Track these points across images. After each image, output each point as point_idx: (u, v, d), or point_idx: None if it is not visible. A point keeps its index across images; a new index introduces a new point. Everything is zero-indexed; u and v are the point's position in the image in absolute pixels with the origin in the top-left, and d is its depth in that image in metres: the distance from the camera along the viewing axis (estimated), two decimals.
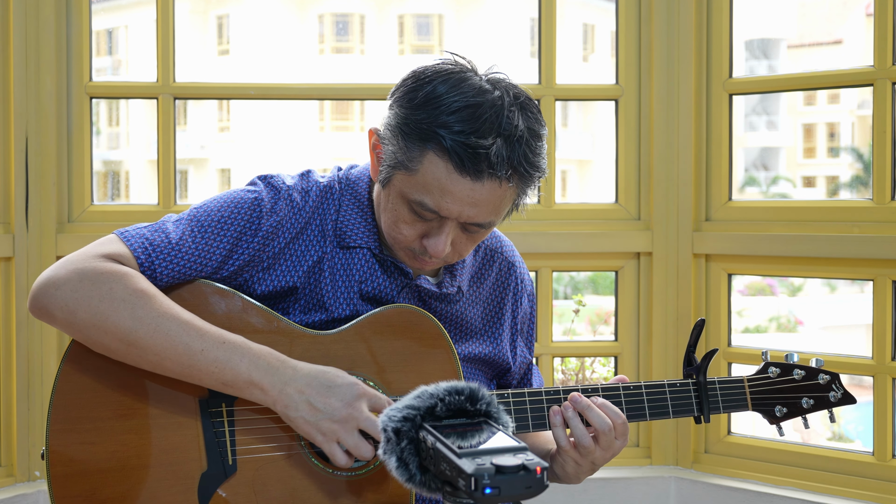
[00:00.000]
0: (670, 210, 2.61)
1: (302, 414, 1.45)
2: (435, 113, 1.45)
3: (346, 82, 2.62)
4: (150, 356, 1.46)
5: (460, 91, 1.46)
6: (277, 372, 1.46)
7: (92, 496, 1.49)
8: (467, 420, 1.18)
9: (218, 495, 1.51)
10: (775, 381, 1.71)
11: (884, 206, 2.40)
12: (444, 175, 1.45)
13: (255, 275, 1.58)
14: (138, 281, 1.47)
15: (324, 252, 1.61)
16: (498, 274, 1.77)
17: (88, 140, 2.58)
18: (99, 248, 1.51)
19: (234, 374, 1.45)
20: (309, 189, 1.63)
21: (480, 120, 1.43)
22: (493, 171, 1.44)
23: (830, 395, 1.71)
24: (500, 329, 1.76)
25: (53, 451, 1.48)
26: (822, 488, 2.44)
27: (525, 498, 1.02)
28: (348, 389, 1.46)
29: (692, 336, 1.69)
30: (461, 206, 1.47)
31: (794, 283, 17.44)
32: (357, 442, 1.45)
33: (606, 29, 21.78)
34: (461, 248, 1.56)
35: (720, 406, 1.68)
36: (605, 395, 1.62)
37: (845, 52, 25.05)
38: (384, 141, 1.53)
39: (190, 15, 20.94)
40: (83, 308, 1.45)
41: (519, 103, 1.49)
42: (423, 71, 1.51)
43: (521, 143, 1.46)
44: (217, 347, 1.46)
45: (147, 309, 1.45)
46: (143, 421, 1.51)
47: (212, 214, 1.57)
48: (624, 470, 2.63)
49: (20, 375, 2.47)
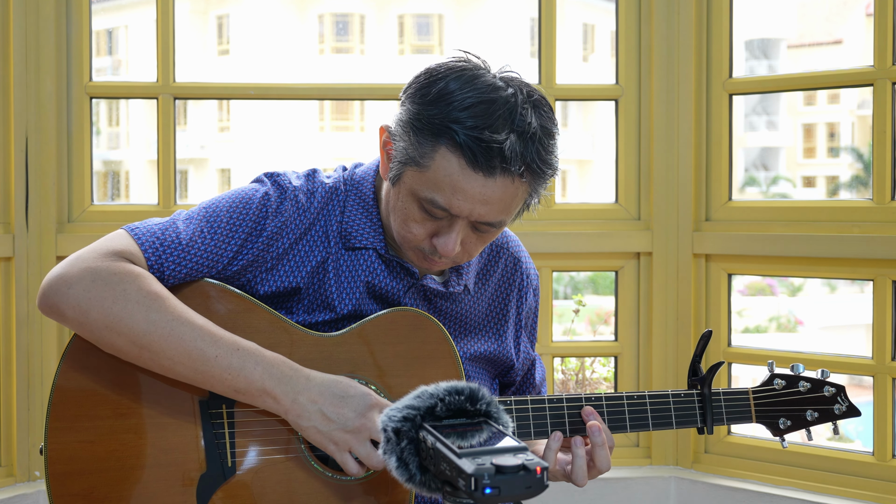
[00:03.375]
0: (670, 210, 2.61)
1: (315, 424, 1.45)
2: (447, 109, 1.44)
3: (346, 82, 2.62)
4: (163, 360, 1.45)
5: (473, 87, 1.45)
6: (291, 381, 1.45)
7: (90, 495, 1.48)
8: (467, 420, 1.18)
9: (217, 497, 1.51)
10: (780, 392, 1.69)
11: (884, 206, 2.40)
12: (456, 171, 1.44)
13: (258, 275, 1.57)
14: (151, 283, 1.47)
15: (328, 253, 1.60)
16: (504, 270, 1.76)
17: (88, 140, 2.58)
18: (109, 244, 1.50)
19: (247, 382, 1.45)
20: (314, 190, 1.62)
21: (494, 116, 1.43)
22: (506, 167, 1.43)
23: (835, 408, 1.69)
24: (505, 326, 1.76)
25: (52, 449, 1.48)
26: (822, 488, 2.44)
27: (525, 498, 1.02)
28: (361, 400, 1.46)
29: (698, 346, 1.67)
30: (472, 204, 1.46)
31: (794, 283, 17.44)
32: (369, 452, 1.45)
33: (606, 29, 21.79)
34: (471, 248, 1.55)
35: (724, 418, 1.67)
36: (609, 404, 1.60)
37: (845, 52, 25.05)
38: (395, 138, 1.51)
39: (190, 15, 20.94)
40: (96, 308, 1.44)
41: (532, 101, 1.48)
42: (436, 68, 1.50)
43: (535, 141, 1.45)
44: (231, 354, 1.45)
45: (161, 312, 1.44)
46: (142, 420, 1.51)
47: (222, 214, 1.56)
48: (624, 470, 2.63)
49: (20, 375, 2.48)
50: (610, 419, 1.61)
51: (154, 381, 1.51)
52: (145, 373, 1.51)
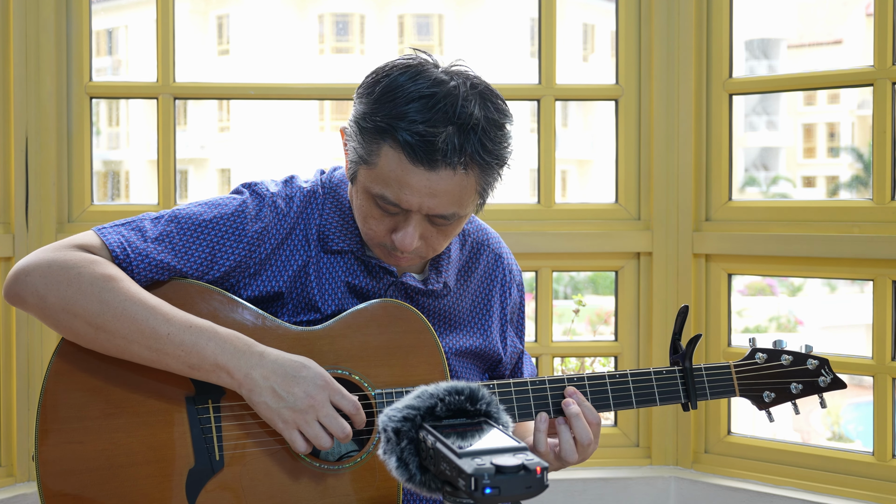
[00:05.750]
0: (670, 210, 2.61)
1: (265, 399, 1.46)
2: (390, 106, 1.46)
3: (346, 82, 2.62)
4: (118, 340, 1.47)
5: (415, 83, 1.47)
6: (244, 356, 1.47)
7: (81, 495, 1.50)
8: (467, 420, 1.18)
9: (206, 491, 1.52)
10: (762, 366, 1.72)
11: (884, 206, 2.40)
12: (399, 166, 1.46)
13: (241, 280, 1.60)
14: (106, 267, 1.49)
15: (309, 257, 1.62)
16: (486, 266, 1.78)
17: (88, 140, 2.58)
18: (72, 239, 1.54)
19: (200, 357, 1.46)
20: (293, 195, 1.64)
21: (434, 110, 1.44)
22: (446, 160, 1.44)
23: (820, 380, 1.71)
24: (490, 321, 1.77)
25: (43, 451, 1.50)
26: (821, 488, 2.44)
27: (525, 498, 1.02)
28: (312, 380, 1.48)
29: (677, 323, 1.69)
30: (420, 198, 1.47)
31: (794, 283, 17.43)
32: (317, 432, 1.47)
33: (606, 29, 21.77)
34: (433, 242, 1.56)
35: (707, 392, 1.69)
36: (591, 384, 1.63)
37: (845, 52, 25.04)
38: (349, 138, 1.55)
39: (190, 15, 20.94)
40: (53, 293, 1.47)
41: (477, 92, 1.49)
42: (383, 66, 1.53)
43: (476, 132, 1.46)
44: (184, 331, 1.47)
45: (114, 293, 1.47)
46: (130, 419, 1.52)
47: (192, 217, 1.59)
48: (624, 470, 2.63)
49: (20, 375, 2.48)
50: (593, 398, 1.63)
51: (141, 380, 1.53)
52: (133, 372, 1.52)
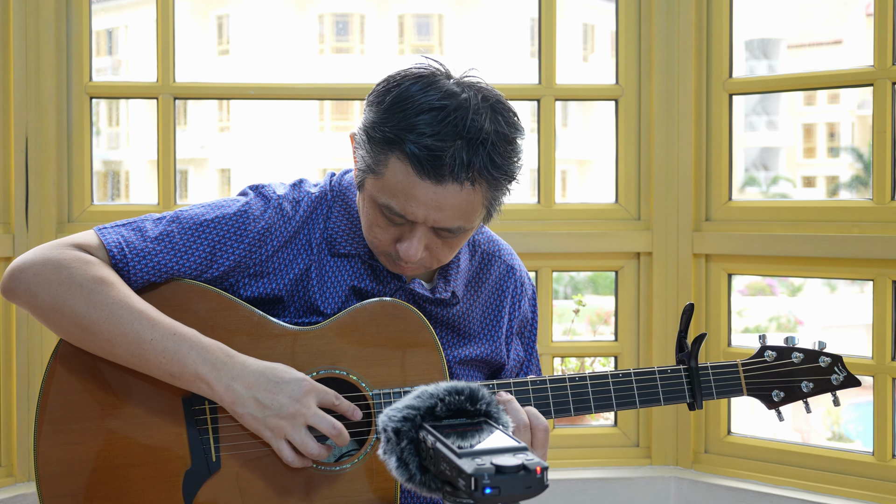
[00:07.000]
0: (670, 210, 2.61)
1: (249, 410, 1.45)
2: (400, 116, 1.44)
3: (346, 82, 2.62)
4: (102, 342, 1.47)
5: (427, 94, 1.44)
6: (225, 367, 1.46)
7: (79, 496, 1.50)
8: (467, 420, 1.18)
9: (203, 492, 1.52)
10: (772, 364, 1.67)
11: (884, 206, 2.40)
12: (406, 178, 1.44)
13: (240, 280, 1.59)
14: (99, 269, 1.49)
15: (311, 261, 1.61)
16: (497, 277, 1.76)
17: (88, 140, 2.58)
18: (71, 238, 1.54)
19: (181, 367, 1.46)
20: (300, 199, 1.63)
21: (443, 123, 1.42)
22: (454, 174, 1.43)
23: (832, 378, 1.66)
24: (498, 331, 1.75)
25: (41, 451, 1.50)
26: (821, 488, 2.44)
27: (525, 498, 1.02)
28: (296, 385, 1.46)
29: (682, 321, 1.65)
30: (426, 210, 1.46)
31: (794, 283, 17.43)
32: (304, 439, 1.45)
33: (606, 29, 21.76)
34: (438, 253, 1.55)
35: (713, 392, 1.64)
36: (593, 383, 1.61)
37: (845, 52, 25.04)
38: (358, 145, 1.53)
39: (190, 15, 20.93)
40: (44, 290, 1.47)
41: (489, 105, 1.46)
42: (394, 75, 1.51)
43: (486, 147, 1.44)
44: (167, 338, 1.46)
45: (103, 295, 1.46)
46: (128, 420, 1.52)
47: (194, 217, 1.59)
48: (624, 470, 2.63)
49: (20, 375, 2.48)
50: (595, 398, 1.61)
51: (139, 382, 1.53)
52: (130, 374, 1.52)
